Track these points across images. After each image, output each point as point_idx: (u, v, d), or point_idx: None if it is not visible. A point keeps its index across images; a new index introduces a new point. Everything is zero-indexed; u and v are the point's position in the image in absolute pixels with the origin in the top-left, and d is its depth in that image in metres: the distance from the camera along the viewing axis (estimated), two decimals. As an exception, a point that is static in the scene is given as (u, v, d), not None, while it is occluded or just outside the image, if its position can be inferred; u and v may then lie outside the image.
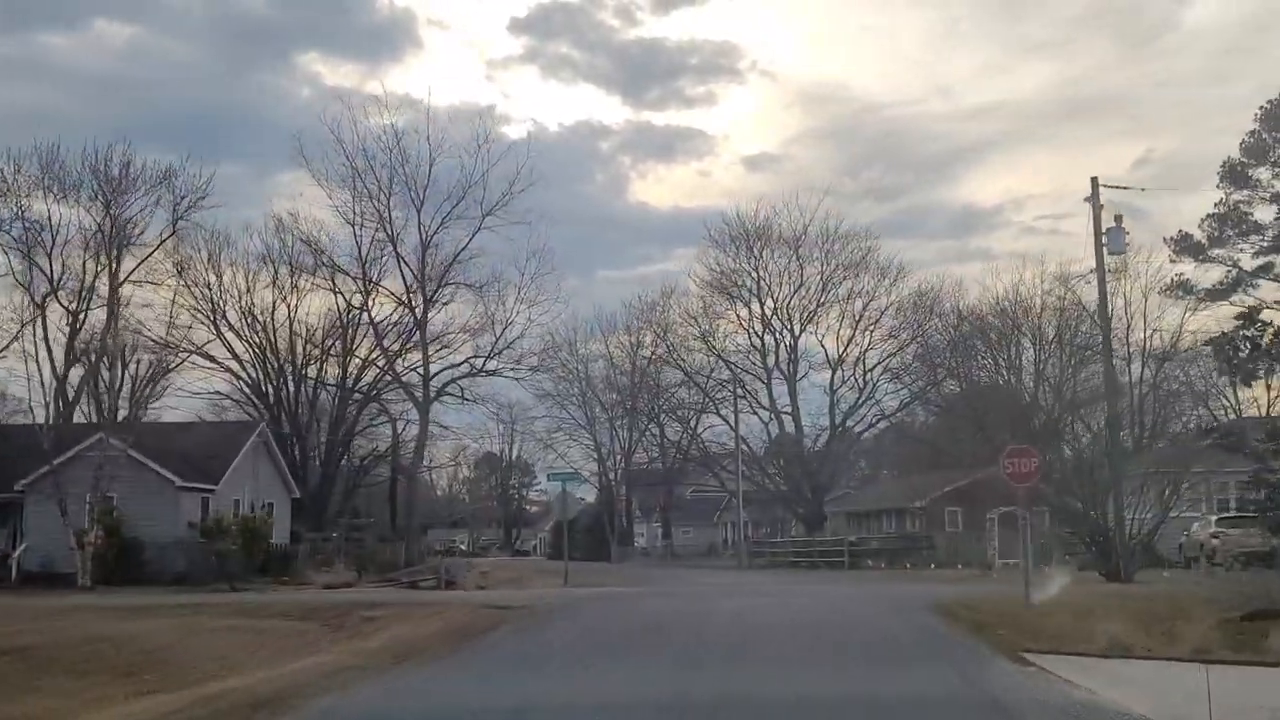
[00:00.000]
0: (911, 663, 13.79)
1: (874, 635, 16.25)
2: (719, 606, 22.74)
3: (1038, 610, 20.35)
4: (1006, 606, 21.39)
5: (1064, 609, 21.29)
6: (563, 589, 32.48)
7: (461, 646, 16.24)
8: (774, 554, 56.61)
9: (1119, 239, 33.47)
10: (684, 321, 63.05)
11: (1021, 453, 21.71)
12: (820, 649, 14.82)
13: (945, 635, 16.39)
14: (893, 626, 17.52)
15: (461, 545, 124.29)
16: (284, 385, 61.98)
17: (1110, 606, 22.27)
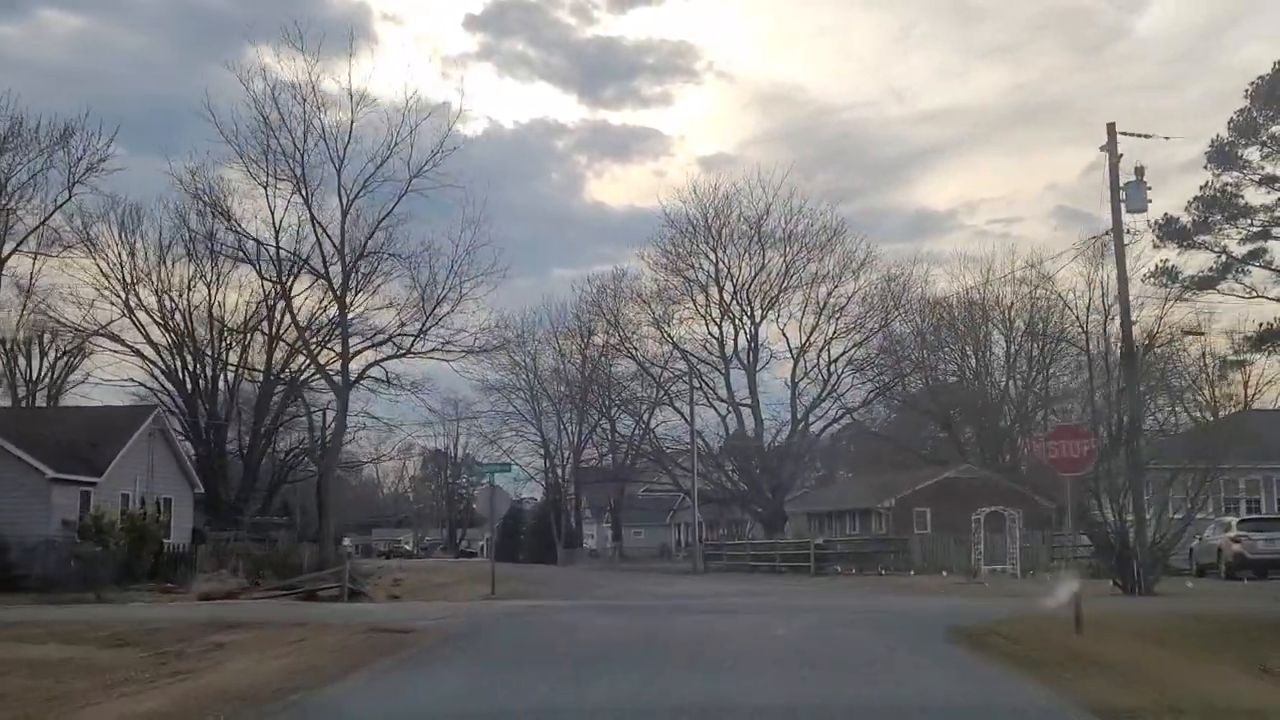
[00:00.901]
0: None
1: (908, 689, 10.76)
2: (673, 630, 17.21)
3: (1093, 638, 15.07)
4: (1048, 632, 16.08)
5: (1119, 634, 16.02)
6: (484, 601, 26.90)
7: (290, 700, 10.74)
8: (731, 556, 51.12)
9: (1139, 195, 28.26)
10: (636, 306, 57.60)
11: (1070, 433, 16.27)
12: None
13: (1008, 688, 10.94)
14: (924, 673, 12.09)
15: (406, 545, 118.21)
16: (202, 372, 55.96)
17: (1175, 631, 17.00)
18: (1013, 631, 16.24)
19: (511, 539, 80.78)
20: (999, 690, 10.80)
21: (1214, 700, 9.80)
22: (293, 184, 39.95)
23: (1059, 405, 63.45)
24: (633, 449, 66.70)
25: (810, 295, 55.91)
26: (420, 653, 14.49)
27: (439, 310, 40.66)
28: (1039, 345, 63.35)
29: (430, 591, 34.96)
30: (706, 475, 58.45)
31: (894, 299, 56.44)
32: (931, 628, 17.19)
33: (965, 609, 21.91)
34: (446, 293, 40.85)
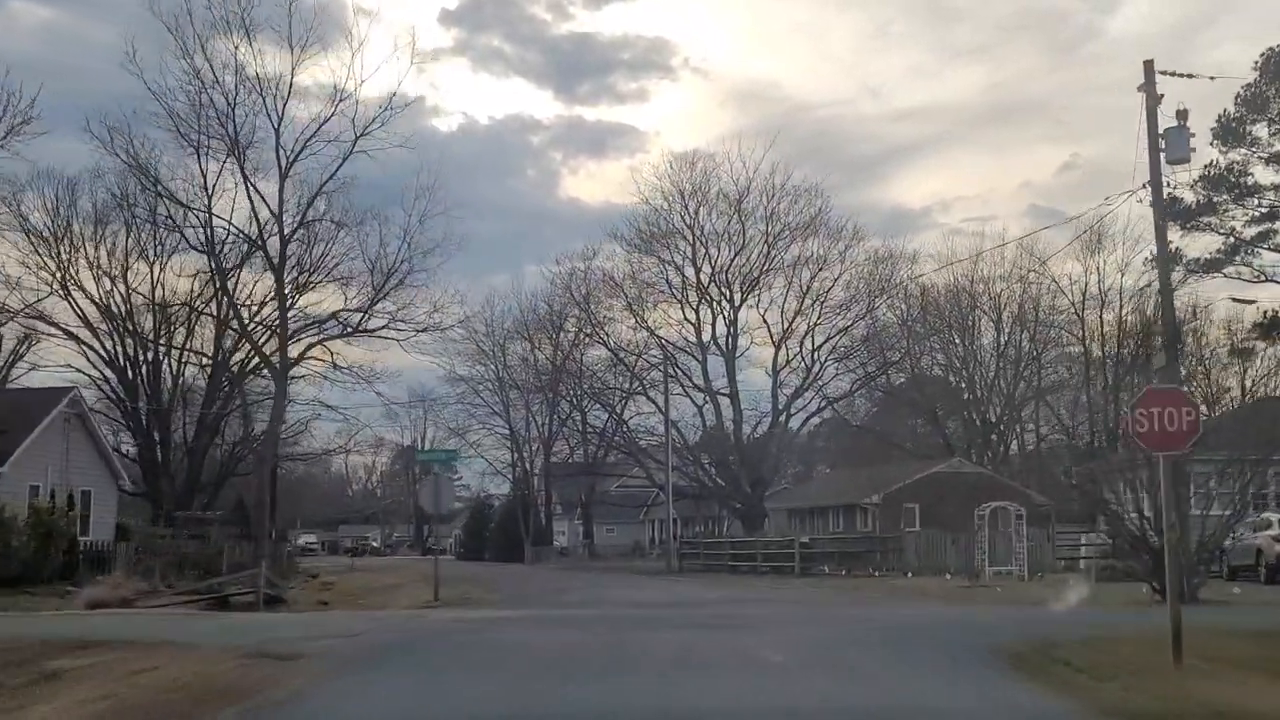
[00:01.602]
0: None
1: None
2: (640, 655, 13.00)
3: (1204, 672, 11.01)
4: (1132, 658, 12.02)
5: (1229, 665, 11.93)
6: (421, 610, 22.64)
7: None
8: (708, 555, 46.95)
9: (1181, 142, 24.22)
10: (609, 289, 53.32)
11: (1167, 398, 12.05)
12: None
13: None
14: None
15: (373, 542, 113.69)
16: (144, 358, 51.34)
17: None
18: (1085, 658, 12.14)
19: (478, 537, 76.44)
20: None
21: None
22: (227, 145, 35.53)
23: (1053, 395, 59.83)
24: (605, 442, 62.42)
25: (793, 278, 51.96)
26: (285, 699, 10.27)
27: (389, 285, 36.27)
28: (1029, 333, 59.55)
29: (369, 596, 30.69)
30: (682, 469, 54.34)
31: (881, 283, 52.32)
32: (969, 650, 13.13)
33: (994, 620, 17.88)
34: (398, 264, 36.61)
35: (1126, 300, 55.04)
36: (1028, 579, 32.33)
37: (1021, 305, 58.95)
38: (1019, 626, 16.18)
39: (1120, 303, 55.12)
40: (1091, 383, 55.72)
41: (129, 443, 52.67)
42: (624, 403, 58.31)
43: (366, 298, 36.88)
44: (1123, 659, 12.11)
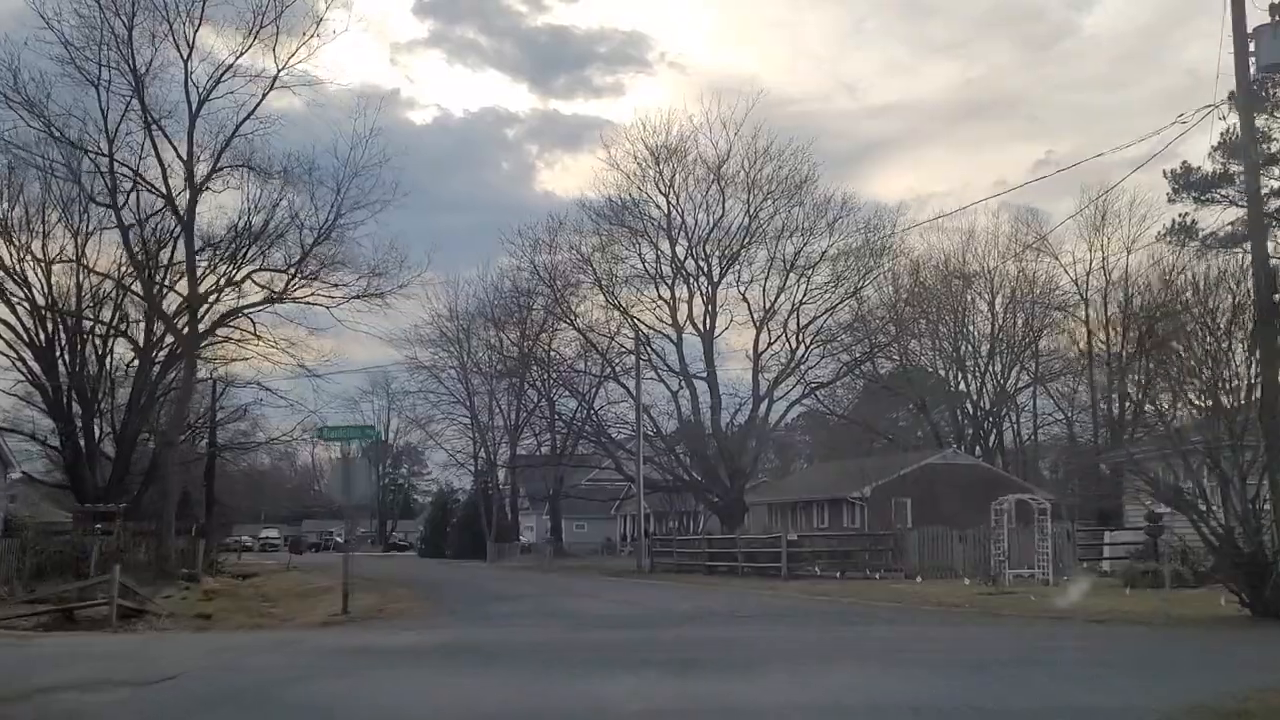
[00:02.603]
0: None
1: None
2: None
3: None
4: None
5: None
6: (312, 630, 17.10)
7: None
8: (683, 553, 41.38)
9: (1273, 44, 18.96)
10: (575, 263, 47.71)
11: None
12: None
13: None
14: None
15: (338, 537, 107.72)
16: (65, 337, 45.35)
17: None
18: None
19: (439, 533, 70.79)
20: None
21: None
22: (128, 80, 29.82)
23: (1052, 382, 54.70)
24: (573, 431, 56.81)
25: (776, 252, 46.45)
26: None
27: (318, 243, 30.56)
28: (1026, 316, 54.35)
29: (282, 603, 25.20)
30: (656, 459, 48.86)
31: (871, 256, 46.93)
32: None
33: (1102, 655, 12.45)
34: (334, 219, 31.03)
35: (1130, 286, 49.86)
36: (1052, 583, 27.09)
37: (1017, 284, 53.83)
38: (1144, 669, 10.91)
39: (1126, 283, 50.03)
40: (1095, 367, 50.53)
41: (48, 429, 46.88)
42: (595, 390, 52.84)
43: (293, 259, 31.20)
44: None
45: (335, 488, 20.56)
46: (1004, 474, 50.85)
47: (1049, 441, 60.50)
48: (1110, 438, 48.46)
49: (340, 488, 20.28)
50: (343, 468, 20.45)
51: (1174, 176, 46.55)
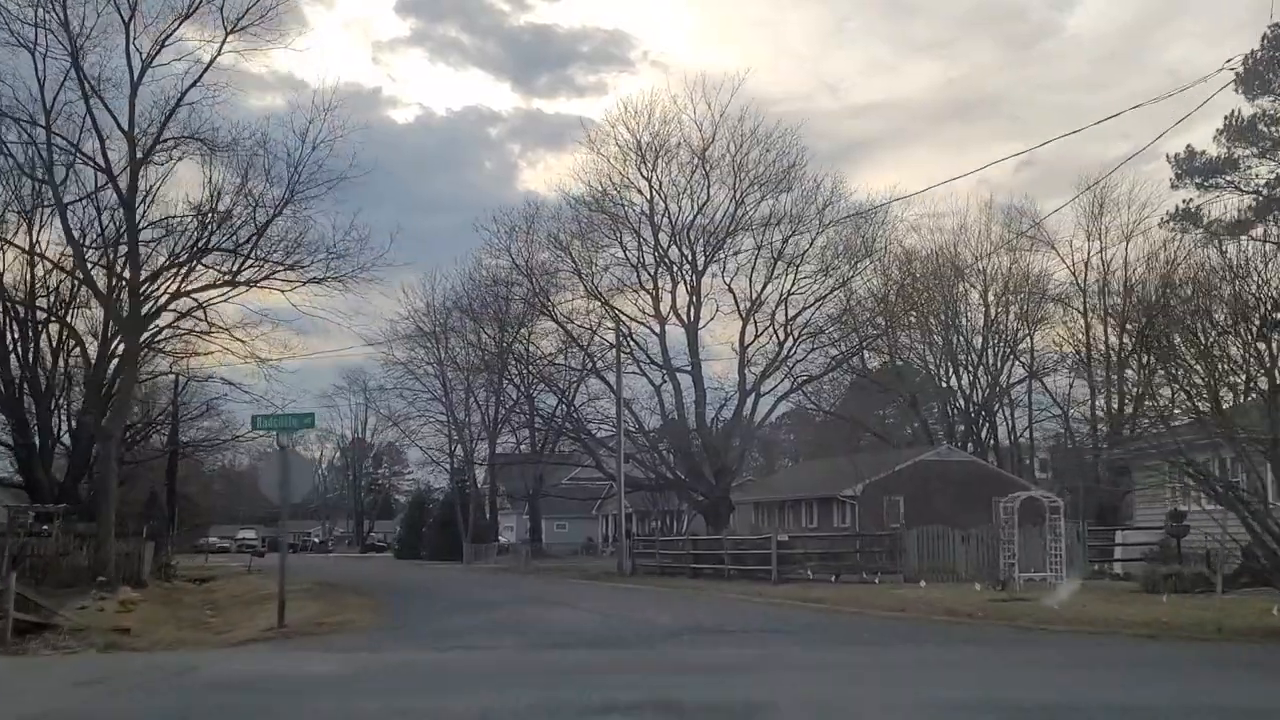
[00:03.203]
0: None
1: None
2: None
3: None
4: None
5: None
6: (233, 649, 14.40)
7: None
8: (666, 555, 38.68)
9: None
10: (553, 251, 45.00)
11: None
12: None
13: None
14: None
15: (315, 538, 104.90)
16: (11, 325, 42.39)
17: None
18: None
19: (415, 533, 67.95)
20: None
21: None
22: (64, 45, 27.01)
23: (1047, 376, 52.20)
24: (552, 427, 54.04)
25: (763, 240, 43.81)
26: None
27: (270, 221, 27.79)
28: (1021, 307, 51.82)
29: (225, 613, 22.57)
30: (637, 457, 46.20)
31: (864, 244, 44.37)
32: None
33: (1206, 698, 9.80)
34: (289, 194, 28.30)
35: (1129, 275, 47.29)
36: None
37: (1010, 275, 51.34)
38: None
39: (1125, 272, 47.51)
40: (1094, 362, 48.06)
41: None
42: (576, 385, 50.10)
43: (245, 239, 28.42)
44: None
45: (270, 484, 17.85)
46: (1000, 471, 48.45)
47: (1046, 440, 58.18)
48: (1109, 432, 46.05)
49: (275, 484, 17.59)
50: (279, 461, 17.76)
51: (1177, 161, 44.15)
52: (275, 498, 17.97)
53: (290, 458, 17.98)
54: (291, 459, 17.98)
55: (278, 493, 17.72)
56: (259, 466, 18.84)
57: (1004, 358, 52.63)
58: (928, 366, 56.35)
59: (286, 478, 17.69)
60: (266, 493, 18.12)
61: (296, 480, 17.79)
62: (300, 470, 17.85)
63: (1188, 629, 16.01)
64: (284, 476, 17.66)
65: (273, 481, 17.80)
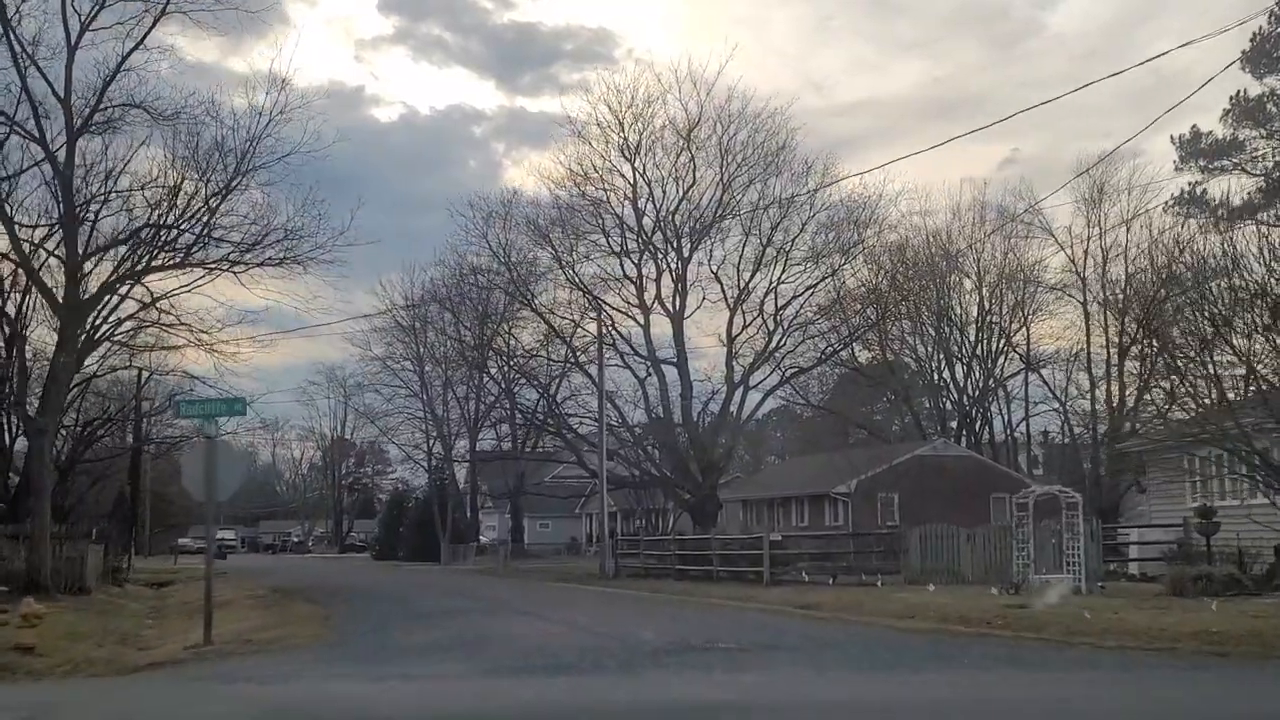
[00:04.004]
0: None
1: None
2: None
3: None
4: None
5: None
6: (109, 685, 11.82)
7: None
8: (651, 555, 36.11)
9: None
10: (532, 238, 42.48)
11: None
12: None
13: None
14: None
15: (295, 538, 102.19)
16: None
17: None
18: None
19: (393, 533, 65.30)
20: None
21: None
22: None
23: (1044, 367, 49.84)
24: (532, 422, 51.49)
25: (752, 225, 41.42)
26: None
27: (222, 198, 25.19)
28: (1015, 295, 49.49)
29: (163, 623, 19.94)
30: (621, 453, 43.77)
31: (857, 230, 42.01)
32: None
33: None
34: (247, 167, 25.74)
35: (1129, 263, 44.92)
36: (1086, 592, 22.26)
37: (1005, 262, 48.97)
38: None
39: (1125, 260, 45.18)
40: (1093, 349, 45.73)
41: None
42: (559, 380, 47.60)
43: (191, 215, 25.80)
44: None
45: (194, 479, 15.33)
46: (998, 466, 46.18)
47: (1038, 436, 55.94)
48: (1110, 427, 43.80)
49: (199, 479, 15.11)
50: (205, 454, 15.27)
51: (1181, 143, 41.98)
52: (200, 494, 15.44)
53: (218, 449, 15.44)
54: (220, 451, 15.44)
55: (203, 489, 15.20)
56: (182, 460, 16.26)
57: (999, 350, 50.34)
58: (919, 359, 54.03)
59: (213, 472, 15.17)
60: (190, 489, 15.61)
61: (225, 475, 15.26)
62: (229, 464, 15.33)
63: (1252, 642, 13.66)
64: (210, 471, 15.14)
65: (197, 476, 15.28)
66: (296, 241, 26.31)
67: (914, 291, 49.01)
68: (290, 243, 26.30)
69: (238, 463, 16.60)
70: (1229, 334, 24.92)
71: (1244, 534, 23.36)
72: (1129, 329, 42.86)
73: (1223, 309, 25.48)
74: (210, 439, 15.36)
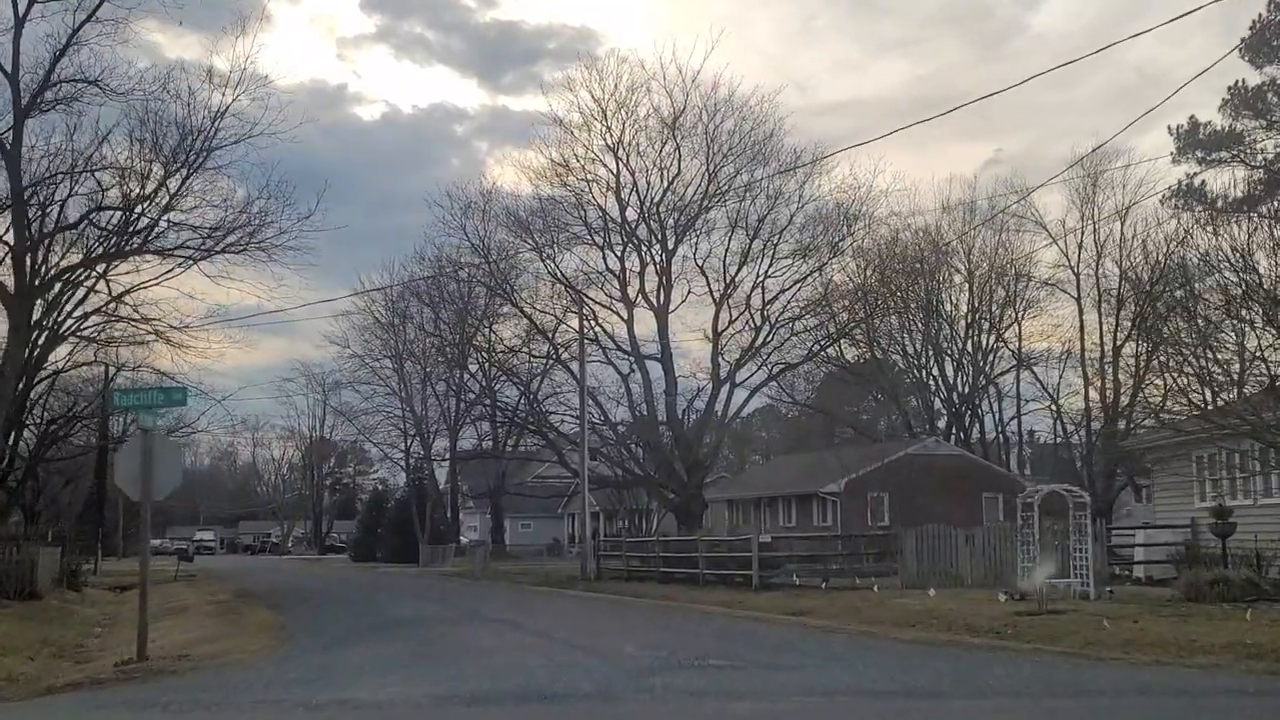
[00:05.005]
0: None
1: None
2: None
3: None
4: None
5: None
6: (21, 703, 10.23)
7: None
8: (634, 557, 34.44)
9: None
10: (511, 230, 40.84)
11: None
12: None
13: None
14: None
15: (274, 539, 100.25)
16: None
17: None
18: None
19: (371, 534, 63.52)
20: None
21: None
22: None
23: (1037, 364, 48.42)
24: (516, 423, 49.82)
25: (739, 217, 39.90)
26: None
27: (180, 177, 23.48)
28: (1006, 290, 48.02)
29: (112, 627, 18.28)
30: (604, 451, 42.17)
31: (846, 224, 40.56)
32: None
33: None
34: (208, 146, 24.08)
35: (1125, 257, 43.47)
36: (1094, 596, 20.79)
37: (996, 256, 47.51)
38: None
39: (1120, 254, 43.75)
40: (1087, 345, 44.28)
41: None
42: (541, 377, 46.02)
43: (146, 195, 24.10)
44: None
45: (127, 476, 13.68)
46: (991, 465, 44.78)
47: (1034, 437, 54.67)
48: (1104, 424, 42.40)
49: (132, 476, 13.47)
50: (139, 448, 13.64)
51: (1179, 134, 40.64)
52: (134, 493, 13.79)
53: (155, 444, 13.78)
54: (157, 445, 13.78)
55: (137, 487, 13.55)
56: (115, 456, 14.61)
57: (990, 347, 48.89)
58: (908, 356, 52.54)
59: (149, 468, 13.52)
60: (124, 487, 13.92)
61: (162, 472, 13.59)
62: (167, 460, 13.69)
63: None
64: (145, 467, 13.49)
65: (132, 474, 13.62)
66: (261, 227, 24.70)
67: (903, 286, 47.56)
68: (254, 227, 24.69)
69: (177, 458, 14.93)
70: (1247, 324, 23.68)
71: (1262, 535, 21.95)
72: (1124, 324, 41.54)
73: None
74: (146, 431, 13.71)
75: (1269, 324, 23.30)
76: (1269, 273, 23.92)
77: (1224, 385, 22.19)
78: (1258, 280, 23.33)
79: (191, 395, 19.36)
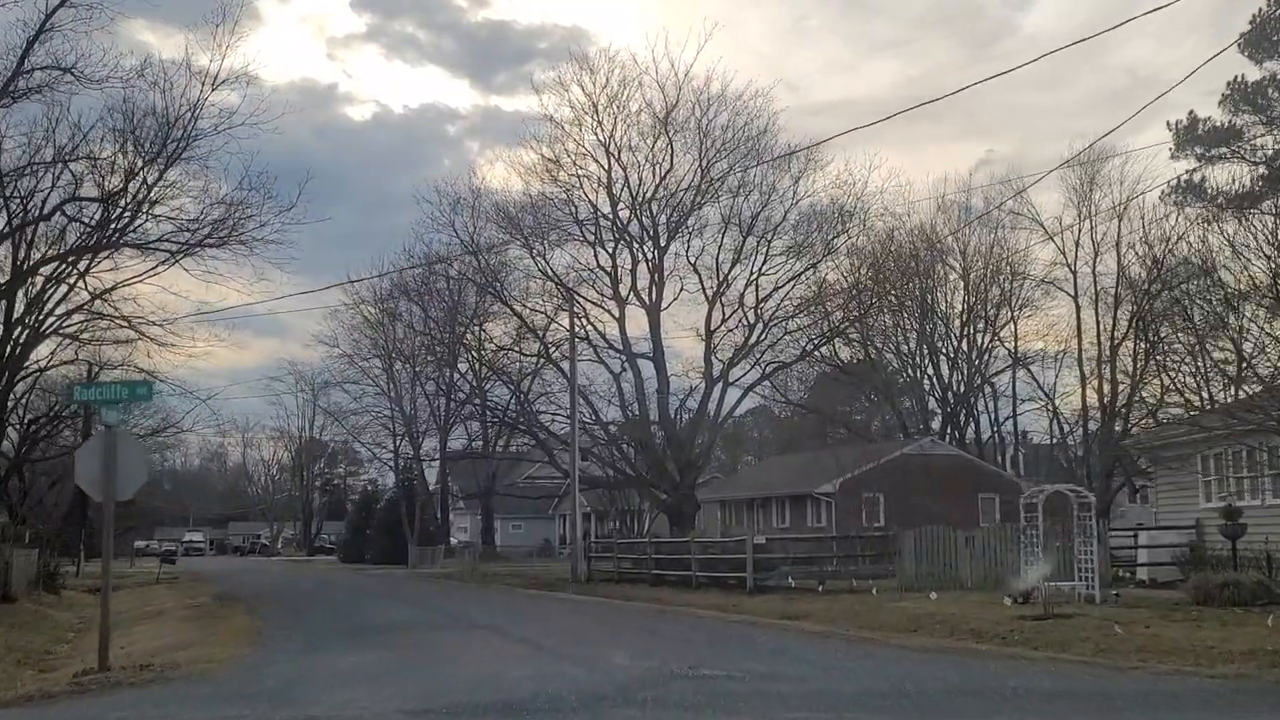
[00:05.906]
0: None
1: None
2: None
3: None
4: None
5: None
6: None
7: None
8: (625, 559, 33.60)
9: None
10: (501, 227, 40.01)
11: None
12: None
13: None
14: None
15: (264, 540, 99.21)
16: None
17: None
18: None
19: (360, 535, 62.66)
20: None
21: None
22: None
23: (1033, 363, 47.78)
24: (506, 422, 48.98)
25: (731, 214, 39.14)
26: None
27: (159, 166, 22.66)
28: (1002, 289, 47.33)
29: (84, 633, 17.46)
30: (595, 451, 41.36)
31: (842, 220, 39.80)
32: None
33: None
34: (187, 135, 23.25)
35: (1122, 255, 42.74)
36: (1100, 600, 20.05)
37: (992, 254, 46.83)
38: None
39: (1118, 251, 43.05)
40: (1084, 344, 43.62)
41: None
42: (533, 376, 45.20)
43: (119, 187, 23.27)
44: None
45: (89, 475, 12.88)
46: (987, 466, 44.11)
47: (1027, 438, 53.98)
48: (1102, 424, 41.75)
49: (95, 475, 12.69)
50: (100, 445, 12.85)
51: (1178, 129, 39.97)
52: (95, 493, 12.98)
53: (118, 440, 12.97)
54: (120, 443, 12.97)
55: (98, 486, 12.74)
56: (77, 454, 13.81)
57: (986, 346, 48.23)
58: (902, 355, 51.84)
59: (113, 467, 12.72)
60: (85, 486, 13.11)
61: (125, 471, 12.79)
62: (130, 458, 12.90)
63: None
64: (108, 466, 12.69)
65: (94, 473, 12.80)
66: (241, 220, 23.87)
67: (897, 284, 46.84)
68: (235, 220, 23.84)
69: (141, 456, 14.12)
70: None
71: (1272, 537, 21.25)
72: (1121, 323, 40.91)
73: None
74: (109, 428, 12.90)
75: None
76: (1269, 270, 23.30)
77: (1232, 380, 21.43)
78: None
79: (174, 394, 18.56)
